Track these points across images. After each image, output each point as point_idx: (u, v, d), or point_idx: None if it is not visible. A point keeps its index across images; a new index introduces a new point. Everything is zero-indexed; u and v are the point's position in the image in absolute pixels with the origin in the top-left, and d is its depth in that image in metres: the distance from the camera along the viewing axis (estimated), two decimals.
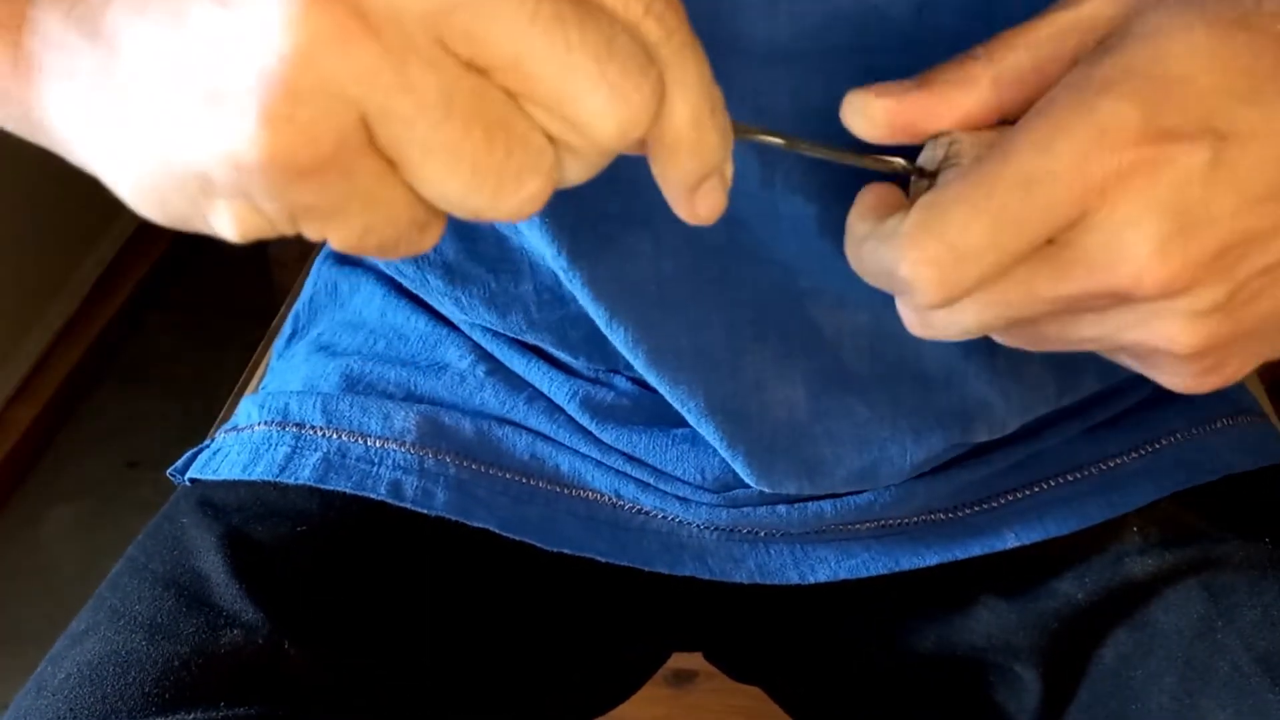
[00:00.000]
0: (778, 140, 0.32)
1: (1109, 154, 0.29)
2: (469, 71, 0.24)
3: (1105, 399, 0.50)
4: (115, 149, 0.27)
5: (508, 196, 0.25)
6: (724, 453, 0.45)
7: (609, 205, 0.41)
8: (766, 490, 0.46)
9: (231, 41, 0.24)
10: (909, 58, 0.36)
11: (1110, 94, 0.29)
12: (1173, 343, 0.31)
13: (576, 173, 0.27)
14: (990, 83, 0.32)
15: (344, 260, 0.57)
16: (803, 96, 0.39)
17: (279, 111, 0.23)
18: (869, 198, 0.34)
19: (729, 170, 0.29)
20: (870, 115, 0.32)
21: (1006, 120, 0.32)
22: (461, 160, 0.25)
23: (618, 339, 0.44)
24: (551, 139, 0.26)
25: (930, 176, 0.33)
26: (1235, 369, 0.32)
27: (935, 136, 0.33)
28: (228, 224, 0.27)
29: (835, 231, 0.41)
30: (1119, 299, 0.30)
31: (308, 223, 0.26)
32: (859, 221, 0.34)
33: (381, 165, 0.25)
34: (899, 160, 0.34)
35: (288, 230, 0.26)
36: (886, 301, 0.43)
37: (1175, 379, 0.33)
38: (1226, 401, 0.52)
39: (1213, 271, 0.30)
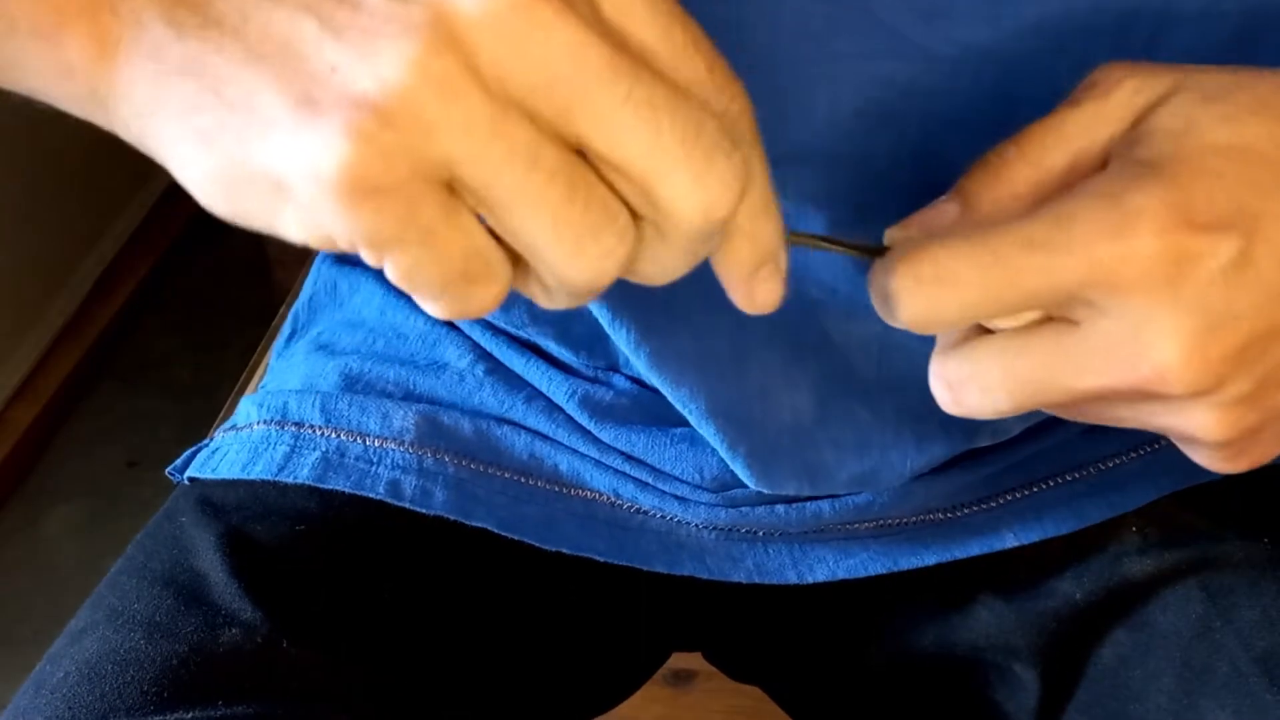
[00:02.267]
0: (806, 242, 0.34)
1: (1127, 240, 0.29)
2: (559, 141, 0.26)
3: None
4: (191, 138, 0.27)
5: (586, 249, 0.26)
6: (724, 454, 0.45)
7: None
8: (766, 491, 0.46)
9: (344, 63, 0.25)
10: (914, 66, 0.36)
11: (1137, 186, 0.29)
12: (1203, 432, 0.31)
13: (663, 261, 0.28)
14: (1032, 190, 0.32)
15: (344, 260, 0.57)
16: (804, 107, 0.38)
17: (366, 129, 0.24)
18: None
19: (783, 260, 0.30)
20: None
21: None
22: (544, 207, 0.26)
23: (620, 338, 0.44)
24: (638, 218, 0.27)
25: None
26: (1264, 451, 0.33)
27: None
28: (294, 229, 0.27)
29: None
30: (1146, 395, 0.30)
31: (364, 245, 0.27)
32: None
33: (445, 205, 0.26)
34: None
35: (347, 249, 0.27)
36: None
37: (1208, 461, 0.33)
38: None
39: (1238, 366, 0.30)
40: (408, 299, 0.53)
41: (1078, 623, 0.48)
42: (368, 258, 0.27)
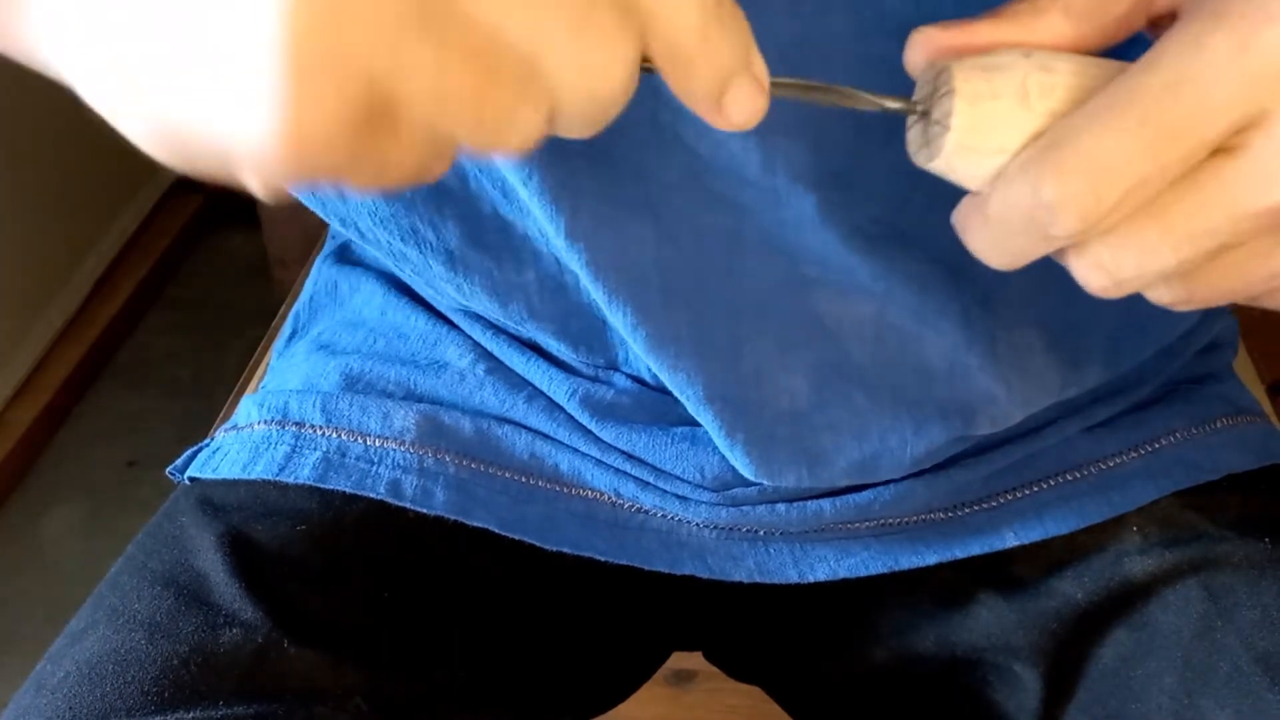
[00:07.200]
0: (813, 96, 0.31)
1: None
2: (459, 30, 0.24)
3: (1105, 398, 0.50)
4: (122, 112, 0.26)
5: (501, 134, 0.26)
6: (721, 443, 0.45)
7: (612, 191, 0.41)
8: (765, 482, 0.46)
9: (231, 46, 0.23)
10: (904, 45, 0.36)
11: None
12: None
13: (571, 128, 0.27)
14: (1061, 12, 0.30)
15: (345, 259, 0.57)
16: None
17: (287, 129, 0.23)
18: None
19: (759, 67, 0.28)
20: (924, 37, 0.31)
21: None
22: (462, 122, 0.25)
23: (617, 321, 0.44)
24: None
25: (924, 112, 0.31)
26: None
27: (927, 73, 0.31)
28: (252, 186, 0.26)
29: (838, 219, 0.41)
30: None
31: (323, 184, 0.26)
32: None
33: (385, 142, 0.25)
34: (889, 98, 0.32)
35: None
36: (889, 292, 0.43)
37: None
38: (1226, 401, 0.52)
39: None
40: (409, 298, 0.53)
41: (1079, 622, 0.48)
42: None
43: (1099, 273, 0.30)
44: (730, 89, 0.27)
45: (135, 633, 0.43)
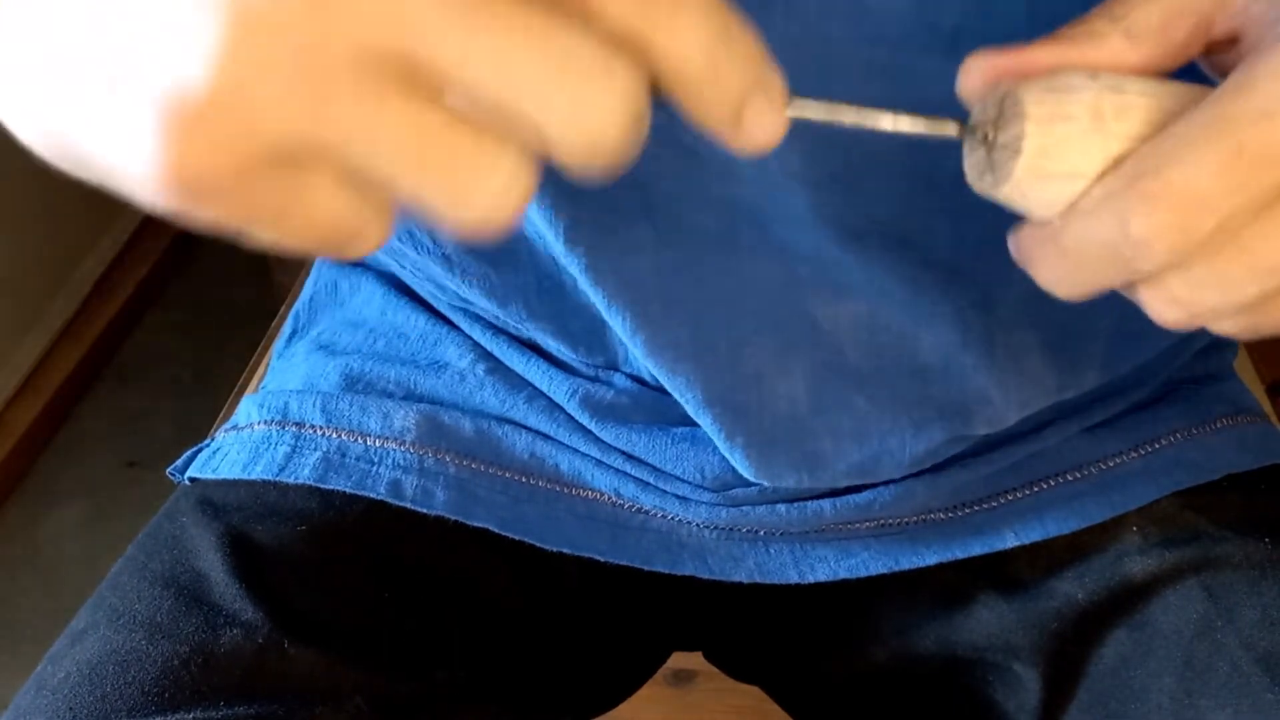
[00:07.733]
0: (811, 109, 0.29)
1: None
2: (405, 94, 0.22)
3: (1105, 398, 0.50)
4: (14, 118, 0.25)
5: (470, 200, 0.23)
6: (721, 445, 0.45)
7: (609, 197, 0.41)
8: (765, 484, 0.46)
9: (144, 42, 0.22)
10: (905, 52, 0.36)
11: None
12: None
13: (584, 170, 0.25)
14: (1122, 36, 0.30)
15: (345, 259, 0.57)
16: (798, 89, 0.39)
17: (177, 126, 0.22)
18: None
19: (775, 89, 0.26)
20: (982, 61, 0.30)
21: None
22: (407, 171, 0.23)
23: (616, 325, 0.44)
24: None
25: (985, 136, 0.30)
26: None
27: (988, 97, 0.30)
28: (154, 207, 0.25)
29: (832, 220, 0.41)
30: None
31: (217, 228, 0.24)
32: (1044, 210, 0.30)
33: (291, 185, 0.23)
34: (951, 120, 0.30)
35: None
36: (883, 292, 0.43)
37: None
38: (1226, 401, 0.52)
39: None
40: (409, 298, 0.53)
41: (1079, 622, 0.48)
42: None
43: (1175, 308, 0.29)
44: (746, 110, 0.26)
45: (136, 633, 0.43)
